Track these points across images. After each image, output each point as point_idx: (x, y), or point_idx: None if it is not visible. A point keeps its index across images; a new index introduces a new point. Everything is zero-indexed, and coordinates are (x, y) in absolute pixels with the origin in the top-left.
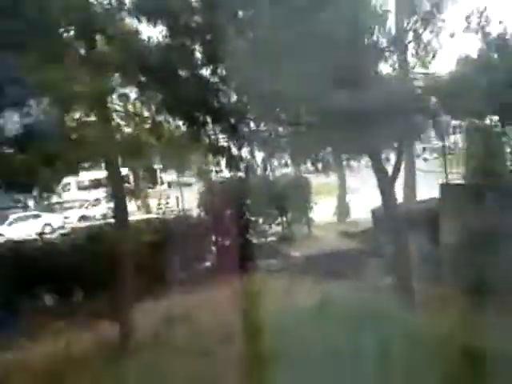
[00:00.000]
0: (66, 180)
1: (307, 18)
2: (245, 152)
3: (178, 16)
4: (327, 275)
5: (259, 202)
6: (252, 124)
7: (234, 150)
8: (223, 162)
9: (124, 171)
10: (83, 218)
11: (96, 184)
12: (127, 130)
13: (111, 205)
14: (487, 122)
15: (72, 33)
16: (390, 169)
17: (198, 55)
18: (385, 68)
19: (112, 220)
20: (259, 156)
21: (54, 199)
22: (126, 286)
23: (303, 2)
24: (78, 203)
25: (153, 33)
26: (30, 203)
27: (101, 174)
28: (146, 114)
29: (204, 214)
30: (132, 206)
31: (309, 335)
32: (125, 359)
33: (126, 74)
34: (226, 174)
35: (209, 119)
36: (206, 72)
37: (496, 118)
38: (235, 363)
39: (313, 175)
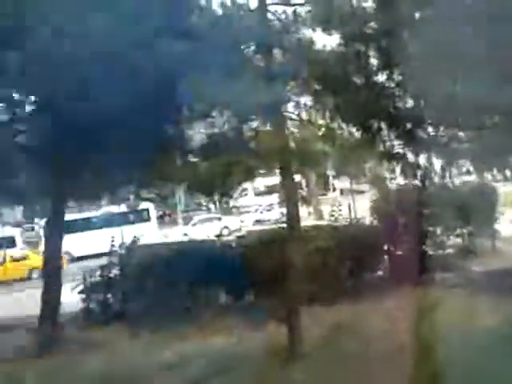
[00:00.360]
0: (243, 186)
1: (489, 13)
2: (422, 159)
3: (353, 23)
4: None
5: (437, 212)
6: (430, 129)
7: (410, 157)
8: (398, 168)
9: (297, 177)
10: (258, 221)
11: (271, 190)
12: (301, 137)
13: (284, 210)
14: None
15: (252, 48)
16: None
17: (373, 61)
18: None
19: (284, 225)
20: (437, 163)
21: (232, 203)
22: (297, 290)
23: None
24: (254, 208)
25: (327, 41)
26: (212, 206)
27: (275, 180)
28: (320, 121)
29: (377, 222)
30: (304, 211)
31: (489, 358)
32: (294, 362)
33: (302, 83)
34: (401, 181)
35: (384, 125)
36: (381, 78)
37: None
38: (407, 374)
39: (500, 183)
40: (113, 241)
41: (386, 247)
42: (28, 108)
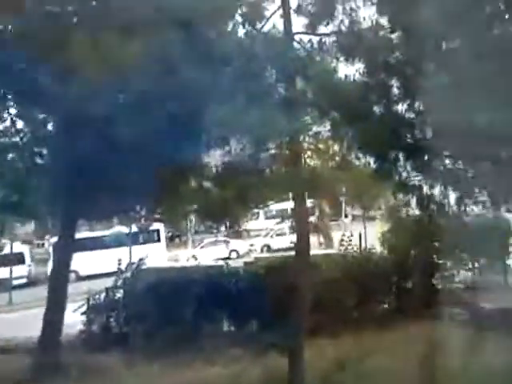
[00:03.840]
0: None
1: None
2: (437, 191)
3: (378, 53)
4: None
5: (449, 245)
6: (447, 161)
7: (426, 188)
8: (413, 200)
9: (310, 203)
10: (267, 246)
11: (283, 214)
12: (316, 166)
13: (294, 236)
14: None
15: (274, 76)
16: None
17: (395, 91)
18: None
19: (293, 252)
20: (453, 195)
21: (242, 227)
22: (301, 321)
23: None
24: (264, 232)
25: (350, 71)
26: (222, 229)
27: (288, 204)
28: (337, 150)
29: (387, 253)
30: (315, 238)
31: None
32: None
33: (321, 112)
34: (415, 211)
35: (401, 156)
36: (401, 108)
37: None
38: None
39: None
40: (119, 263)
41: (395, 279)
42: (49, 128)
